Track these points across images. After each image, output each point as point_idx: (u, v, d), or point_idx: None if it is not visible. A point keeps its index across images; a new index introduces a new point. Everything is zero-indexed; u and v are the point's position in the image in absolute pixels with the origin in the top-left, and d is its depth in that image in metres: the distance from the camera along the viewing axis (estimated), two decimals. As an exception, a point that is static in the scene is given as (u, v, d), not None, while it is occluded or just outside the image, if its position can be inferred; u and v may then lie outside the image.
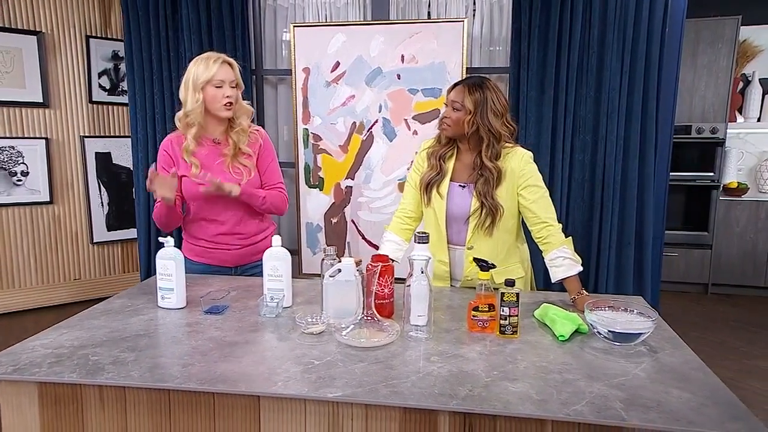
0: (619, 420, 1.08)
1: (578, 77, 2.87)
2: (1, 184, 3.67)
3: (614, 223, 2.90)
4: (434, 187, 1.94)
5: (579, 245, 2.95)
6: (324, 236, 3.21)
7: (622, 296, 1.91)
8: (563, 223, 2.94)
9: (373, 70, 3.05)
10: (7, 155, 3.68)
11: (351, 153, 3.13)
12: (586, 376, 1.27)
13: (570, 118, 2.89)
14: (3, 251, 3.70)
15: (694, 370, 1.30)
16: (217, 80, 1.93)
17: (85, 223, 3.97)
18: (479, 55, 3.16)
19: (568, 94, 2.87)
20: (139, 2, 3.21)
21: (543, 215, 1.86)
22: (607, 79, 2.84)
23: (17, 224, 3.74)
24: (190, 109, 1.94)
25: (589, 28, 2.84)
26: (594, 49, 2.83)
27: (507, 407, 1.13)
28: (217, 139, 2.04)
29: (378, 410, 1.20)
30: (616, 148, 2.86)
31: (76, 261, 3.98)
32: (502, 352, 1.40)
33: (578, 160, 2.91)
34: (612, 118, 2.85)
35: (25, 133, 3.70)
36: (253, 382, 1.24)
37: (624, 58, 2.82)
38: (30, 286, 3.83)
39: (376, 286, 1.59)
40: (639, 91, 2.82)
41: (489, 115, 1.82)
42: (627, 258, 2.92)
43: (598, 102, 2.87)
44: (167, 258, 1.67)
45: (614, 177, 2.87)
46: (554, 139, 2.91)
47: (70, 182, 3.88)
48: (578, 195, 2.94)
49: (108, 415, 1.29)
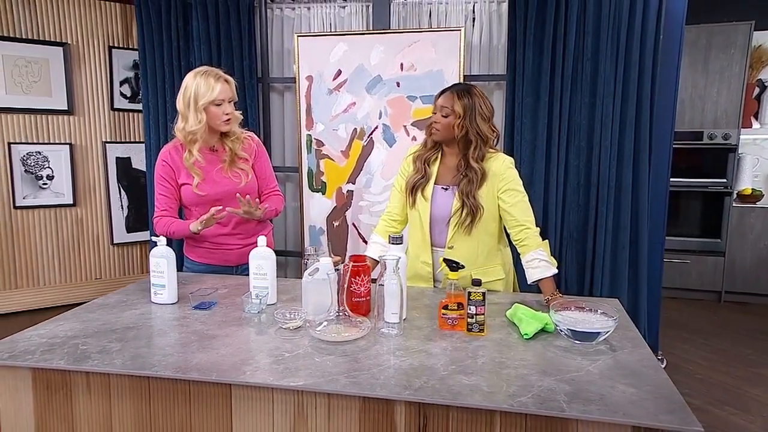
0: (559, 411, 1.13)
1: (573, 84, 2.90)
2: (28, 187, 3.85)
3: (609, 227, 2.91)
4: (419, 190, 2.00)
5: (574, 248, 2.99)
6: (326, 239, 3.28)
7: (597, 298, 1.95)
8: (559, 227, 2.99)
9: (373, 78, 3.12)
10: (34, 160, 3.86)
11: (352, 158, 3.21)
12: (540, 371, 1.31)
13: (565, 124, 2.91)
14: (29, 251, 3.88)
15: (646, 367, 1.33)
16: (219, 99, 2.02)
17: (106, 225, 4.12)
18: (478, 62, 3.21)
19: (563, 101, 2.90)
20: (153, 14, 3.35)
21: (521, 218, 1.90)
22: (602, 86, 2.85)
23: (42, 226, 3.91)
24: (195, 129, 2.01)
25: (583, 36, 2.86)
26: (588, 56, 2.85)
27: (456, 398, 1.19)
28: (214, 146, 2.14)
29: (340, 400, 1.27)
30: (610, 153, 2.87)
31: (97, 261, 4.14)
32: (465, 349, 1.45)
33: (573, 165, 2.93)
34: (606, 124, 2.86)
35: (50, 139, 3.87)
36: (225, 371, 1.32)
37: (618, 65, 2.83)
38: (54, 284, 3.99)
39: (353, 284, 1.66)
40: (633, 97, 2.83)
41: (477, 119, 1.89)
42: (622, 261, 2.92)
43: (593, 108, 2.88)
44: (159, 256, 1.77)
45: (608, 182, 2.88)
46: (549, 144, 2.93)
47: (92, 186, 4.04)
48: (573, 200, 2.95)
49: (94, 401, 1.38)
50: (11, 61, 3.66)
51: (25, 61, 3.72)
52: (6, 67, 3.64)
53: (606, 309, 1.54)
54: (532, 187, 2.96)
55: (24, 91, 3.74)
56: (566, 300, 1.70)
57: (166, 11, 3.34)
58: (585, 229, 2.97)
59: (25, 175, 3.81)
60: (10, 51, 3.65)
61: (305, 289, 1.67)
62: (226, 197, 2.09)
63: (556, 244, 2.99)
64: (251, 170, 2.17)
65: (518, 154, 2.95)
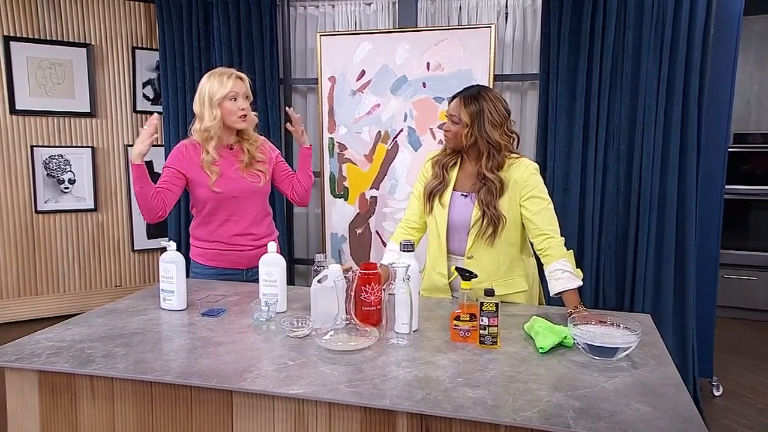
0: (565, 427, 1.16)
1: (612, 83, 2.89)
2: (50, 191, 4.07)
3: (651, 238, 2.88)
4: (437, 196, 2.04)
5: (613, 261, 2.98)
6: (348, 247, 3.36)
7: (625, 313, 1.95)
8: (596, 238, 2.98)
9: (398, 78, 3.19)
10: (56, 164, 4.08)
11: (376, 163, 3.28)
12: (551, 386, 1.34)
13: (603, 126, 2.91)
14: (50, 257, 4.09)
15: (666, 386, 1.34)
16: (233, 93, 2.17)
17: (127, 231, 4.31)
18: (510, 61, 3.24)
19: (600, 101, 2.90)
20: (174, 14, 3.52)
21: (544, 227, 1.92)
22: (644, 85, 2.84)
23: (63, 231, 4.12)
24: (210, 125, 2.18)
25: (623, 30, 2.86)
26: (629, 52, 2.85)
27: (457, 410, 1.23)
28: (231, 145, 2.27)
29: (341, 410, 1.33)
30: (653, 157, 2.85)
31: (117, 268, 4.33)
32: (475, 362, 1.49)
33: (612, 170, 2.92)
34: (648, 126, 2.84)
35: (73, 142, 4.08)
36: (226, 378, 1.39)
37: (662, 62, 2.81)
38: (73, 291, 4.19)
39: (362, 293, 1.72)
40: (678, 96, 2.80)
41: (486, 126, 1.91)
42: (666, 276, 2.89)
43: (634, 109, 2.87)
44: (169, 261, 1.87)
45: (651, 189, 2.86)
46: (586, 149, 2.94)
47: (114, 190, 4.24)
48: (612, 208, 2.94)
49: (98, 405, 1.48)
50: (35, 63, 3.90)
51: (49, 62, 3.95)
52: (30, 69, 3.88)
53: (629, 324, 1.55)
54: (567, 195, 2.96)
55: (47, 93, 3.97)
56: (590, 314, 1.71)
57: (187, 11, 3.50)
58: (625, 240, 2.95)
59: (47, 178, 4.03)
60: (35, 53, 3.89)
61: (313, 297, 1.74)
62: (243, 195, 2.24)
63: (593, 256, 2.98)
64: (269, 172, 2.33)
65: (552, 158, 2.96)
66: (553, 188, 2.98)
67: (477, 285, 1.75)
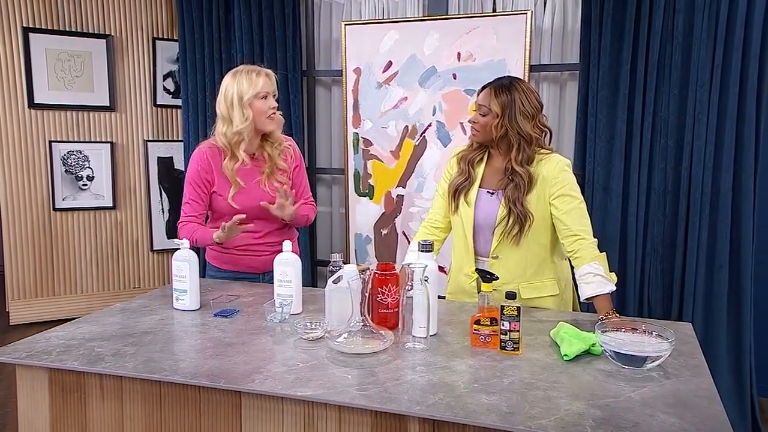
0: (581, 437, 1.19)
1: (659, 73, 2.87)
2: (68, 188, 4.24)
3: (702, 242, 2.85)
4: (462, 194, 2.08)
5: (659, 266, 2.96)
6: (374, 248, 3.42)
7: (664, 321, 1.95)
8: (641, 240, 2.97)
9: (427, 69, 3.23)
10: (75, 159, 4.25)
11: (403, 159, 3.33)
12: (572, 395, 1.36)
13: (649, 120, 2.89)
14: (67, 257, 4.25)
15: (699, 398, 1.35)
16: (264, 92, 2.19)
17: (146, 230, 4.46)
18: (549, 50, 3.25)
19: (646, 93, 2.88)
20: (194, 3, 3.64)
21: (575, 227, 1.94)
22: (694, 75, 2.81)
23: (81, 230, 4.28)
24: (242, 127, 2.17)
25: (672, 15, 2.84)
26: (678, 39, 2.83)
27: (469, 416, 1.27)
28: (254, 154, 2.29)
29: (351, 413, 1.39)
30: (705, 154, 2.82)
31: (136, 269, 4.48)
32: (494, 368, 1.53)
33: (659, 168, 2.91)
34: (700, 119, 2.82)
35: (91, 137, 4.24)
36: (234, 378, 1.47)
37: (716, 50, 2.78)
38: (91, 292, 4.36)
39: (379, 295, 1.77)
40: (734, 87, 2.77)
41: (518, 117, 1.95)
42: (719, 284, 2.85)
43: (683, 101, 2.85)
44: (182, 260, 1.96)
45: (702, 188, 2.83)
46: (630, 144, 2.92)
47: (133, 187, 4.39)
48: (658, 209, 2.92)
49: (107, 404, 1.57)
50: (54, 55, 4.08)
51: (68, 54, 4.13)
52: (49, 62, 4.06)
53: (664, 332, 1.56)
54: (608, 194, 2.96)
55: (66, 86, 4.14)
56: (621, 321, 1.73)
57: (207, 0, 3.61)
58: (673, 244, 2.93)
59: (65, 175, 4.20)
60: (54, 45, 4.06)
61: (328, 298, 1.80)
62: (262, 212, 2.24)
63: (637, 262, 2.96)
64: (289, 182, 2.34)
65: (592, 154, 2.96)
66: (593, 187, 2.98)
67: (502, 287, 1.78)
